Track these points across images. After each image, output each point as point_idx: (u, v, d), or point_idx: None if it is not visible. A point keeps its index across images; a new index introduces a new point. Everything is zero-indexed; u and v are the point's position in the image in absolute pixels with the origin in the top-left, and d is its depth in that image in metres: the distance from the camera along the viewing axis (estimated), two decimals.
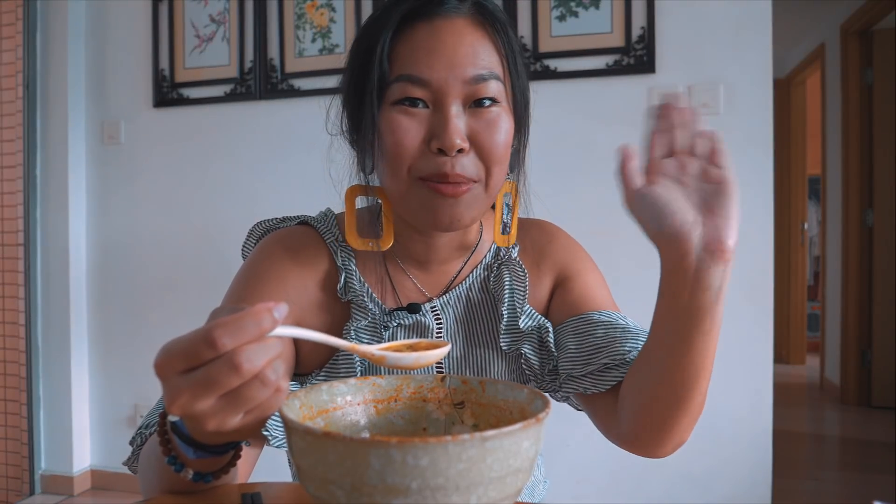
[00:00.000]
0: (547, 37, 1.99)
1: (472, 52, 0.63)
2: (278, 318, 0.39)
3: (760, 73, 1.87)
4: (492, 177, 0.65)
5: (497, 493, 0.38)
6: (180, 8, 2.31)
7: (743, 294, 1.88)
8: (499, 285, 0.74)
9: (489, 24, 0.64)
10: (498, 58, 0.64)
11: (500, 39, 0.65)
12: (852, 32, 3.46)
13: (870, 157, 3.45)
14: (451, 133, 0.61)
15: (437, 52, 0.62)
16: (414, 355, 0.49)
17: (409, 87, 0.62)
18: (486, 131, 0.63)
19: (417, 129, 0.63)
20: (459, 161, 0.62)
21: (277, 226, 0.78)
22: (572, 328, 0.72)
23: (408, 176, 0.64)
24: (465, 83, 0.62)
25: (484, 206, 0.67)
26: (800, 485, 2.46)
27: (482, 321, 0.75)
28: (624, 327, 0.70)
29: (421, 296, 0.74)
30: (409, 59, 0.63)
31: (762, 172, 1.88)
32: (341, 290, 0.71)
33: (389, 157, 0.64)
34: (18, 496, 2.38)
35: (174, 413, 0.40)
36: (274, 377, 0.40)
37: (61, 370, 2.40)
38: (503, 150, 0.64)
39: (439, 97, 0.62)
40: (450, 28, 0.63)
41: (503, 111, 0.65)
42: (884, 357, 3.44)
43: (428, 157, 0.63)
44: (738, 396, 1.88)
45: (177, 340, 0.39)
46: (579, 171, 1.97)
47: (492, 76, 0.63)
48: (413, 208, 0.65)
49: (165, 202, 2.37)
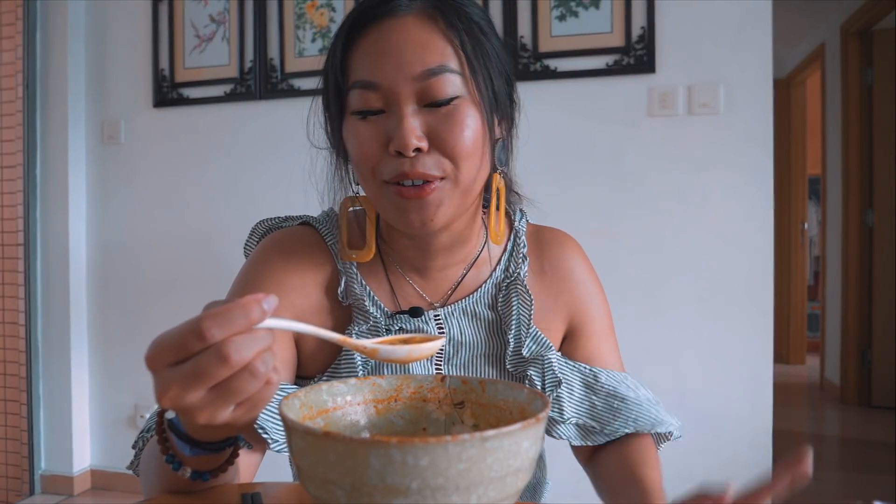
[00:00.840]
0: (547, 37, 1.99)
1: (419, 48, 0.61)
2: (267, 309, 0.39)
3: (760, 73, 1.86)
4: (461, 171, 0.63)
5: (497, 494, 0.38)
6: (180, 8, 2.31)
7: (743, 294, 1.88)
8: (507, 310, 0.73)
9: (441, 17, 0.62)
10: (452, 49, 0.62)
11: (454, 30, 0.62)
12: (852, 32, 3.46)
13: (870, 157, 3.45)
14: (404, 133, 0.60)
15: (385, 53, 0.61)
16: (406, 348, 0.48)
17: (363, 93, 0.62)
18: (445, 127, 0.61)
19: (376, 133, 0.62)
20: (420, 160, 0.61)
21: (279, 225, 0.77)
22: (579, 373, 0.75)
23: (374, 180, 0.64)
24: (416, 80, 0.61)
25: (459, 203, 0.65)
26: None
27: (489, 339, 0.74)
28: (623, 397, 0.74)
29: (422, 301, 0.73)
30: (361, 65, 0.63)
31: (762, 172, 1.88)
32: (342, 294, 0.70)
33: (356, 165, 0.65)
34: (18, 496, 2.38)
35: (164, 406, 0.40)
36: (263, 369, 0.39)
37: (61, 370, 2.40)
38: (469, 143, 0.62)
39: (391, 99, 0.62)
40: (397, 28, 0.62)
41: (464, 104, 0.62)
42: (884, 357, 3.44)
43: (388, 160, 0.62)
44: (738, 396, 1.88)
45: (167, 333, 0.39)
46: (579, 171, 1.97)
47: (443, 70, 0.61)
48: (388, 213, 0.65)
49: (165, 202, 2.37)
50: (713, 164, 1.90)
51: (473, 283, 0.74)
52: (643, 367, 1.92)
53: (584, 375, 0.74)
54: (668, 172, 1.93)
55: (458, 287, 0.74)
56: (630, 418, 0.73)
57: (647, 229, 1.94)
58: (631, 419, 0.73)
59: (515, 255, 0.76)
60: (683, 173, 1.92)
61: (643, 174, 1.94)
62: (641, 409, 0.74)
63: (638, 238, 1.95)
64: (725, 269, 1.89)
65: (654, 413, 0.75)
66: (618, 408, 0.73)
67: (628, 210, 1.95)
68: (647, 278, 1.94)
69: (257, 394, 0.41)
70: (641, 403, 0.74)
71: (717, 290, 1.90)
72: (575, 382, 0.74)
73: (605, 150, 1.97)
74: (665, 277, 1.93)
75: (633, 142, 1.95)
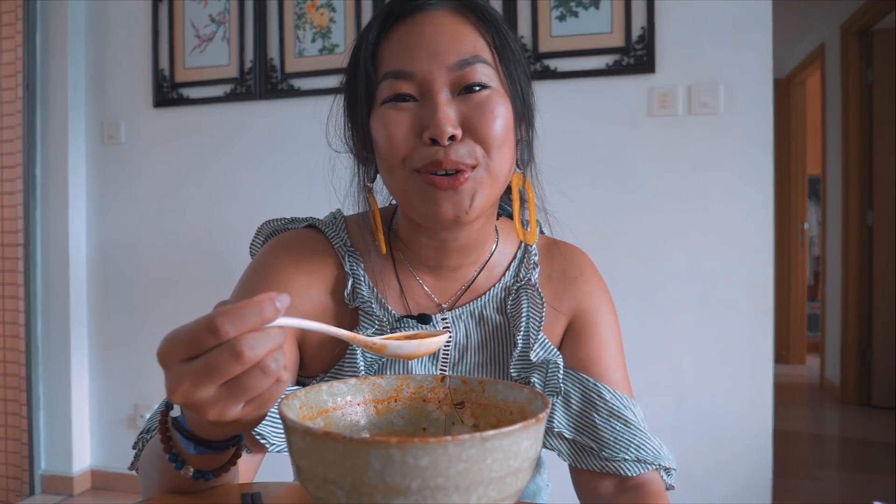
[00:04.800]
0: (547, 37, 1.99)
1: (453, 38, 0.62)
2: (280, 307, 0.40)
3: (760, 72, 1.86)
4: (493, 160, 0.62)
5: (497, 494, 0.38)
6: (180, 8, 2.31)
7: (743, 294, 1.88)
8: (516, 311, 0.72)
9: (471, 13, 0.64)
10: (484, 42, 0.63)
11: (486, 26, 0.64)
12: (852, 32, 3.46)
13: (870, 157, 3.45)
14: (440, 120, 0.60)
15: (418, 44, 0.62)
16: (414, 343, 0.49)
17: (396, 83, 0.62)
18: (479, 114, 0.61)
19: (408, 121, 0.62)
20: (454, 148, 0.61)
21: (286, 226, 0.77)
22: (581, 386, 0.71)
23: (403, 169, 0.63)
24: (450, 69, 0.61)
25: (491, 192, 0.64)
26: (800, 485, 2.46)
27: (495, 343, 0.73)
28: (626, 420, 0.69)
29: (430, 301, 0.72)
30: (393, 57, 0.63)
31: (762, 172, 1.88)
32: (349, 296, 0.69)
33: (383, 153, 0.63)
34: (18, 496, 2.38)
35: (175, 401, 0.40)
36: (275, 367, 0.40)
37: (61, 370, 2.40)
38: (501, 132, 0.62)
39: (426, 87, 0.62)
40: (429, 20, 0.63)
41: (496, 94, 0.63)
42: (884, 357, 3.43)
43: (421, 148, 0.61)
44: (738, 396, 1.88)
45: (180, 329, 0.40)
46: (579, 171, 1.97)
47: (477, 60, 0.62)
48: (415, 204, 0.63)
49: (165, 202, 2.37)
50: (713, 164, 1.90)
51: (483, 285, 0.74)
52: (643, 367, 1.92)
53: (586, 389, 0.71)
54: (668, 172, 1.93)
55: (468, 288, 0.73)
56: (633, 444, 0.68)
57: (647, 229, 1.94)
58: (633, 445, 0.68)
59: (527, 261, 0.75)
60: (683, 173, 1.92)
61: (643, 174, 1.94)
62: (645, 437, 0.69)
63: (638, 238, 1.95)
64: (725, 269, 1.89)
65: (657, 444, 0.70)
66: (620, 431, 0.68)
67: (628, 210, 1.95)
68: (647, 278, 1.94)
69: (267, 391, 0.41)
70: (645, 431, 0.70)
71: (716, 290, 1.90)
72: (574, 394, 0.71)
73: (605, 150, 1.97)
74: (665, 277, 1.93)
75: (633, 142, 1.95)
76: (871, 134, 3.44)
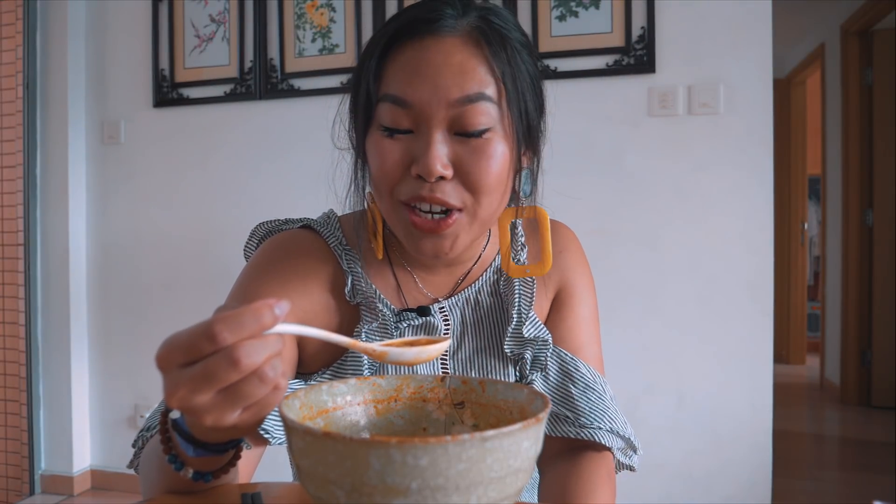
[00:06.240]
0: (547, 37, 1.99)
1: (459, 72, 0.60)
2: (279, 314, 0.39)
3: (760, 72, 1.86)
4: (480, 206, 0.62)
5: (497, 494, 0.38)
6: (180, 8, 2.31)
7: (743, 294, 1.88)
8: (509, 289, 0.75)
9: (486, 44, 0.61)
10: (492, 78, 0.61)
11: (498, 59, 0.61)
12: (852, 32, 3.46)
13: (870, 157, 3.45)
14: (430, 160, 0.59)
15: (422, 73, 0.60)
16: (415, 350, 0.49)
17: (394, 109, 0.61)
18: (473, 158, 0.61)
19: (400, 153, 0.62)
20: (440, 186, 0.60)
21: (280, 228, 0.77)
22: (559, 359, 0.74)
23: (391, 199, 0.64)
24: (451, 105, 0.60)
25: (473, 236, 0.65)
26: (800, 485, 2.46)
27: (489, 324, 0.75)
28: (600, 394, 0.72)
29: (426, 296, 0.74)
30: (394, 79, 0.62)
31: (762, 172, 1.88)
32: (349, 293, 0.70)
33: (374, 180, 0.65)
34: (18, 496, 2.38)
35: (172, 406, 0.40)
36: (273, 374, 0.40)
37: (61, 370, 2.40)
38: (493, 178, 0.61)
39: (422, 120, 0.60)
40: (438, 47, 0.60)
41: (495, 136, 0.61)
42: (884, 357, 3.44)
43: (409, 181, 0.62)
44: (738, 396, 1.88)
45: (178, 334, 0.40)
46: (579, 171, 1.97)
47: (480, 97, 0.60)
48: (400, 235, 0.66)
49: (165, 202, 2.37)
50: (713, 163, 1.90)
51: (476, 273, 0.76)
52: (643, 367, 1.92)
53: (563, 362, 0.73)
54: (668, 172, 1.93)
55: (463, 280, 0.76)
56: (606, 416, 0.71)
57: (647, 229, 1.94)
58: (607, 417, 0.71)
59: (514, 243, 0.77)
60: (683, 173, 1.92)
61: (643, 174, 1.94)
62: (616, 413, 0.72)
63: (638, 238, 1.95)
64: (725, 269, 1.89)
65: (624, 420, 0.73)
66: (595, 401, 0.71)
67: (628, 210, 1.95)
68: (647, 278, 1.94)
69: (265, 398, 0.41)
70: (615, 409, 0.73)
71: (717, 289, 1.90)
72: (552, 367, 0.73)
73: (605, 150, 1.97)
74: (665, 277, 1.93)
75: (633, 142, 1.95)
76: (871, 134, 3.44)
